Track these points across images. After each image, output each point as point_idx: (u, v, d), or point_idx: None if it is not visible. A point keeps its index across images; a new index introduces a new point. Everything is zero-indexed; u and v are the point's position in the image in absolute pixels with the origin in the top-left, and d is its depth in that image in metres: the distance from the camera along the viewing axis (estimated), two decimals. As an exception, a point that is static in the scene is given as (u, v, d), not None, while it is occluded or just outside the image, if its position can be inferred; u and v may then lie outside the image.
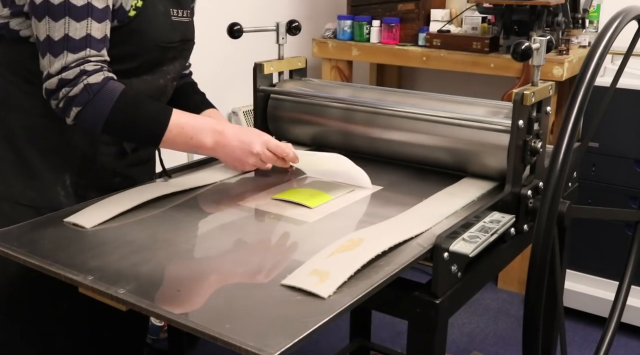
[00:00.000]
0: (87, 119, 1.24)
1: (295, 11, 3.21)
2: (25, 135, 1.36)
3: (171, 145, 1.29)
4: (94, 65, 1.24)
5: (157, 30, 1.35)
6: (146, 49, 1.34)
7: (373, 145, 1.60)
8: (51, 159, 1.37)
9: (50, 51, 1.22)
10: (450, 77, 3.15)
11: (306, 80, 1.79)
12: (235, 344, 0.86)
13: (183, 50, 1.47)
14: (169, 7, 1.38)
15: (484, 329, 2.58)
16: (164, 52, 1.39)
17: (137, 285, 1.02)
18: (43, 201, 1.35)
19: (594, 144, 2.36)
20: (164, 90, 1.45)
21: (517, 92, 1.33)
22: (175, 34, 1.40)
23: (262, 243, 1.23)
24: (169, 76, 1.45)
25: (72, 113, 1.23)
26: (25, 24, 1.29)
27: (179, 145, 1.30)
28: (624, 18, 1.26)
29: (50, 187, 1.37)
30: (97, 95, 1.23)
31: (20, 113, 1.35)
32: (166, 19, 1.38)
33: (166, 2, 1.38)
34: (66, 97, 1.22)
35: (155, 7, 1.34)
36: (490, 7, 2.59)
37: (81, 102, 1.22)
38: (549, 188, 1.18)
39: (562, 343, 1.42)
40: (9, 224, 1.23)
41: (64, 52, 1.21)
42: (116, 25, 1.30)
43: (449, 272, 1.15)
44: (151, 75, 1.39)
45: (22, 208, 1.34)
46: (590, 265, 2.51)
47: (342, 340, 2.33)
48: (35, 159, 1.36)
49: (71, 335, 1.45)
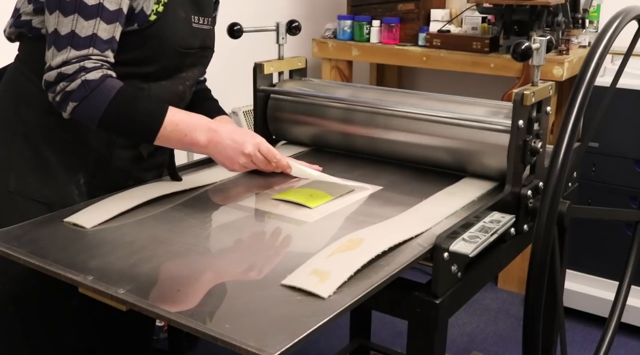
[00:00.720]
0: (83, 114, 1.25)
1: (295, 11, 3.21)
2: (43, 133, 1.37)
3: (165, 142, 1.30)
4: (93, 62, 1.24)
5: (177, 36, 1.36)
6: (165, 54, 1.35)
7: (373, 145, 1.60)
8: (67, 158, 1.38)
9: (55, 44, 1.23)
10: (450, 77, 3.15)
11: (306, 80, 1.79)
12: (235, 344, 0.86)
13: (202, 57, 1.47)
14: (190, 13, 1.39)
15: (484, 329, 2.57)
16: (182, 57, 1.40)
17: (137, 285, 1.02)
18: (57, 199, 1.36)
19: (594, 144, 2.35)
20: (182, 96, 1.46)
21: (517, 92, 1.33)
22: (195, 40, 1.41)
23: (262, 243, 1.23)
24: (188, 83, 1.46)
25: (68, 108, 1.24)
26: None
27: (174, 142, 1.30)
28: (624, 18, 1.26)
29: (64, 186, 1.38)
30: (94, 91, 1.23)
31: (39, 111, 1.36)
32: (187, 25, 1.38)
33: (188, 9, 1.38)
34: (63, 91, 1.23)
35: (176, 12, 1.35)
36: (490, 7, 2.59)
37: (77, 97, 1.23)
38: (549, 188, 1.18)
39: (562, 343, 1.42)
40: (23, 220, 1.24)
41: (67, 47, 1.22)
42: (136, 28, 1.31)
43: (449, 272, 1.15)
44: (170, 81, 1.40)
45: (37, 204, 1.35)
46: (590, 265, 2.51)
47: (342, 340, 2.33)
48: (52, 158, 1.37)
49: (80, 333, 1.46)
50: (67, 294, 1.33)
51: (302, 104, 1.69)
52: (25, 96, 1.38)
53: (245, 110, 2.95)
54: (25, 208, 1.35)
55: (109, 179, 1.42)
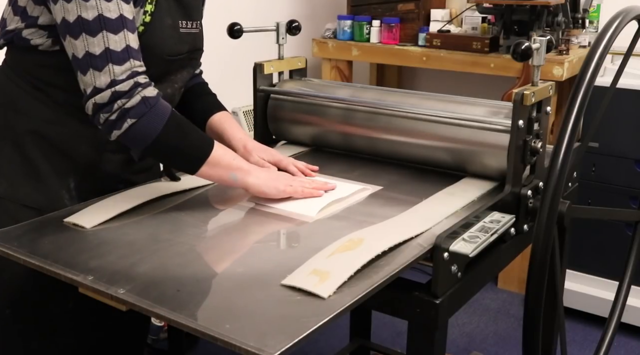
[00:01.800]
0: (138, 133, 1.23)
1: (295, 11, 3.21)
2: (32, 139, 1.36)
3: (216, 164, 1.30)
4: (144, 77, 1.24)
5: (165, 44, 1.35)
6: (154, 63, 1.34)
7: (373, 145, 1.60)
8: (56, 164, 1.37)
9: (92, 66, 1.20)
10: (450, 77, 3.15)
11: (306, 80, 1.79)
12: (235, 344, 0.86)
13: (191, 59, 1.47)
14: (177, 19, 1.38)
15: (484, 329, 2.57)
16: (172, 63, 1.40)
17: (137, 285, 1.02)
18: (48, 204, 1.36)
19: (594, 144, 2.36)
20: (172, 98, 1.45)
21: (517, 92, 1.33)
22: (183, 46, 1.40)
23: (262, 243, 1.23)
24: (177, 85, 1.46)
25: (125, 125, 1.21)
26: (38, 33, 1.29)
27: (222, 166, 1.31)
28: (624, 18, 1.26)
29: (55, 191, 1.37)
30: (154, 109, 1.23)
31: (28, 117, 1.35)
32: (174, 32, 1.37)
33: (175, 15, 1.37)
34: (121, 108, 1.21)
35: (162, 21, 1.34)
36: (490, 7, 2.59)
37: (138, 113, 1.21)
38: (549, 188, 1.18)
39: (562, 343, 1.42)
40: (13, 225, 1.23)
41: (108, 64, 1.20)
42: None
43: (449, 272, 1.15)
44: (159, 85, 1.38)
45: (27, 210, 1.35)
46: (590, 265, 2.51)
47: (342, 340, 2.33)
48: (41, 163, 1.36)
49: (76, 334, 1.46)
50: (64, 295, 1.33)
51: (302, 104, 1.69)
52: (14, 102, 1.36)
53: (245, 110, 2.95)
54: (15, 213, 1.34)
55: (99, 182, 1.41)
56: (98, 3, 1.20)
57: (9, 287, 1.39)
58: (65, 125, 1.34)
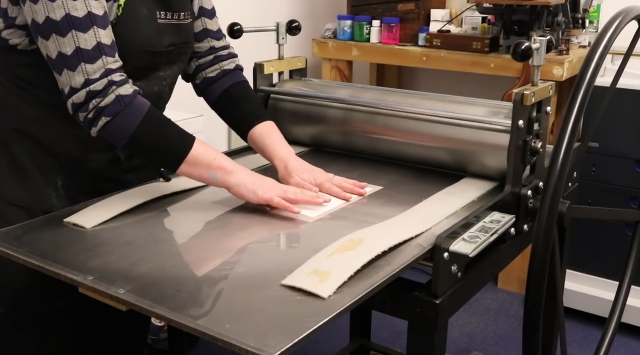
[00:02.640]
0: (114, 131, 1.23)
1: (295, 11, 3.21)
2: (18, 138, 1.36)
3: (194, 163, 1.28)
4: (120, 75, 1.23)
5: (140, 35, 1.32)
6: (133, 55, 1.32)
7: (373, 145, 1.60)
8: (43, 162, 1.37)
9: (66, 66, 1.21)
10: (450, 77, 3.15)
11: (306, 80, 1.79)
12: (235, 344, 0.86)
13: (180, 54, 1.44)
14: (154, 9, 1.35)
15: (484, 329, 2.57)
16: (154, 57, 1.37)
17: (137, 285, 1.02)
18: (35, 202, 1.36)
19: (594, 144, 2.36)
20: (159, 96, 1.43)
21: (517, 92, 1.33)
22: (163, 38, 1.36)
23: (262, 243, 1.23)
24: (165, 82, 1.43)
25: (100, 123, 1.22)
26: (16, 33, 1.28)
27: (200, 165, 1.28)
28: (624, 18, 1.26)
29: (42, 190, 1.37)
30: (128, 107, 1.22)
31: (13, 116, 1.35)
32: (151, 23, 1.34)
33: (151, 5, 1.34)
34: (96, 107, 1.21)
35: (136, 12, 1.31)
36: (490, 7, 2.59)
37: (112, 112, 1.21)
38: (549, 188, 1.18)
39: (562, 343, 1.42)
40: (2, 224, 1.24)
41: (80, 64, 1.20)
42: None
43: (449, 272, 1.15)
44: (145, 81, 1.37)
45: (15, 208, 1.35)
46: (590, 265, 2.51)
47: (342, 340, 2.33)
48: (27, 162, 1.36)
49: (70, 334, 1.45)
50: (54, 294, 1.34)
51: (302, 104, 1.69)
52: None
53: (245, 110, 2.95)
54: (4, 212, 1.34)
55: (87, 181, 1.41)
56: (64, 2, 1.19)
57: (2, 287, 1.39)
58: (50, 124, 1.34)
